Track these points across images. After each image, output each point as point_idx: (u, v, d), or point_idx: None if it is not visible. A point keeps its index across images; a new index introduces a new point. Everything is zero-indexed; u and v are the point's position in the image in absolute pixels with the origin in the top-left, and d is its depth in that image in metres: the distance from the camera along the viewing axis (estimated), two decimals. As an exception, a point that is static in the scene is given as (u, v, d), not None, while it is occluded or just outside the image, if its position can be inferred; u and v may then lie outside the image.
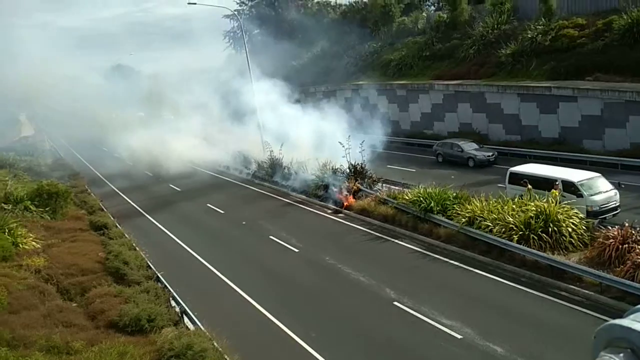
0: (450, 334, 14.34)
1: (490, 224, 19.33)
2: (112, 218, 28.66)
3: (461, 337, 14.15)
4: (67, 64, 51.54)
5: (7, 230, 21.73)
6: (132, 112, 53.97)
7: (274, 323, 16.22)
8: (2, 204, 27.09)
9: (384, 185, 28.38)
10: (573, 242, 18.00)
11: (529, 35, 35.95)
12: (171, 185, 38.95)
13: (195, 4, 36.92)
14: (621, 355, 2.29)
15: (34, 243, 22.04)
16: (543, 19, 36.31)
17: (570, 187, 20.57)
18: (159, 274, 19.52)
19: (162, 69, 48.23)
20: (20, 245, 21.30)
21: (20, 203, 27.54)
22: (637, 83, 28.53)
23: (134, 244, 23.18)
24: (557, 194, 19.73)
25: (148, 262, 20.98)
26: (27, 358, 12.37)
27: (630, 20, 30.45)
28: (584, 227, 18.41)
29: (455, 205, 21.64)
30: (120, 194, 38.38)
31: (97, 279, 18.61)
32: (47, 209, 27.82)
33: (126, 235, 24.89)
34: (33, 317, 14.98)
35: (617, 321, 2.36)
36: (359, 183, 28.18)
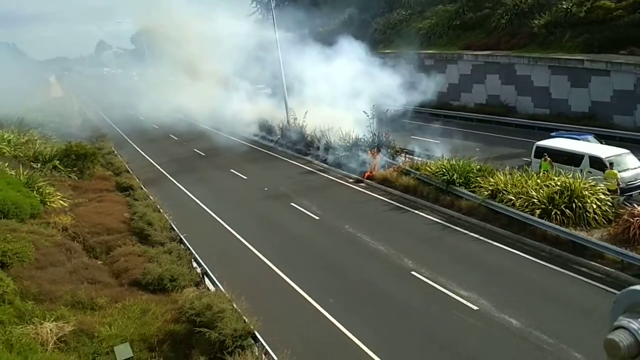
0: (467, 305, 14.39)
1: (513, 197, 19.13)
2: (137, 180, 29.17)
3: (477, 308, 14.19)
4: (97, 30, 52.00)
5: (36, 189, 22.32)
6: (161, 76, 54.23)
7: (293, 287, 16.49)
8: (32, 163, 27.76)
9: (406, 156, 28.17)
10: (597, 218, 17.75)
11: (564, 6, 34.84)
12: (195, 150, 39.38)
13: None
14: None
15: (61, 202, 22.62)
16: (579, -11, 35.08)
17: (597, 163, 20.18)
18: (181, 236, 19.93)
19: (188, 33, 48.03)
20: (48, 204, 21.89)
21: (49, 162, 28.19)
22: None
23: (158, 206, 23.63)
24: (615, 174, 19.10)
25: (171, 223, 21.41)
26: (52, 312, 12.82)
27: (671, -8, 29.22)
28: (609, 204, 18.11)
29: (478, 178, 21.44)
30: (146, 156, 38.96)
31: (122, 239, 19.07)
32: (74, 169, 28.44)
33: (151, 197, 25.37)
34: (59, 273, 15.47)
35: (638, 287, 2.35)
36: (381, 153, 28.02)
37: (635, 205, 16.89)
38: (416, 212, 22.14)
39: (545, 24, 35.62)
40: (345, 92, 34.43)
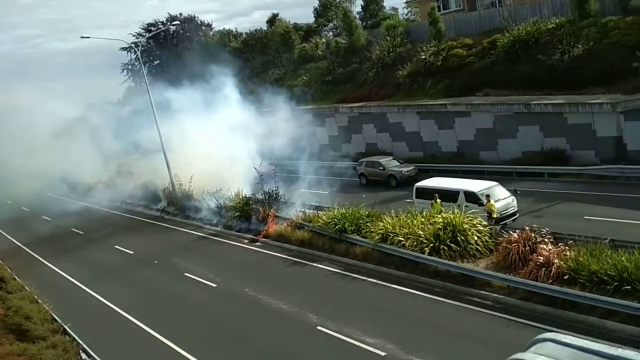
0: (374, 352, 14.47)
1: (402, 238, 19.90)
2: (9, 270, 26.51)
3: (384, 354, 14.31)
4: None
5: None
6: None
7: (196, 363, 15.63)
8: None
9: (298, 209, 28.41)
10: (479, 249, 18.95)
11: (422, 57, 37.96)
12: (73, 229, 36.67)
13: (89, 37, 35.65)
14: None
15: None
16: (434, 41, 38.53)
17: (471, 197, 21.73)
18: (65, 326, 18.28)
19: (56, 105, 45.87)
20: None
21: None
22: (522, 95, 30.91)
23: (35, 297, 21.57)
24: (492, 204, 20.63)
25: (53, 314, 19.61)
26: None
27: (512, 38, 33.06)
28: (488, 234, 19.44)
29: (368, 224, 22.12)
30: (16, 242, 35.67)
31: (-4, 339, 17.08)
32: None
33: (26, 287, 23.12)
34: None
35: (519, 355, 2.47)
36: (273, 210, 28.02)
37: (511, 233, 18.29)
38: (314, 264, 22.23)
39: (409, 74, 38.49)
40: (227, 150, 34.20)
